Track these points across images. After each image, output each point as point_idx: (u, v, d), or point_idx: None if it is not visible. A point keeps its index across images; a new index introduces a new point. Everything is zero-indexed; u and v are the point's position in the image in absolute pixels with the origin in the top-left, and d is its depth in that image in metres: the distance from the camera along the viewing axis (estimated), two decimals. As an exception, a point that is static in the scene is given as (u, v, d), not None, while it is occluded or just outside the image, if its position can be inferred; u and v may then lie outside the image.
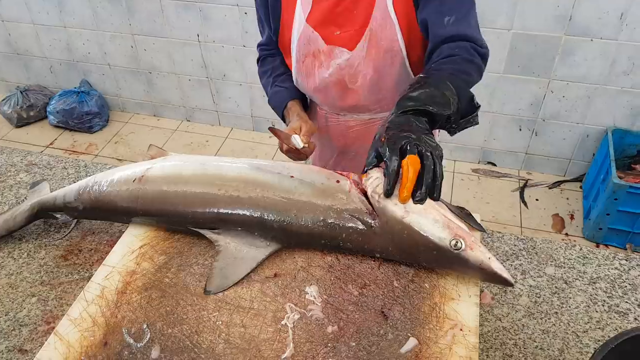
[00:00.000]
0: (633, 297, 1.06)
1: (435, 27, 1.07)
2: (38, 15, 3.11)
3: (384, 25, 1.13)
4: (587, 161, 2.75)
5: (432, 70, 1.02)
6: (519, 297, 1.06)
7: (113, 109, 3.46)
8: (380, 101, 1.28)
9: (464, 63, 1.02)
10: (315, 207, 0.94)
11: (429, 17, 1.09)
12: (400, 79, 1.21)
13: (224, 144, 3.19)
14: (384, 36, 1.14)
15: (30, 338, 0.99)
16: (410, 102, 0.92)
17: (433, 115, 0.91)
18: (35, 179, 1.40)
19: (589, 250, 1.16)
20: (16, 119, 3.29)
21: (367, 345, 0.83)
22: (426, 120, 0.91)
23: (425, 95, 0.92)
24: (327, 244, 0.95)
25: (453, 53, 1.04)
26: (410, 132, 0.86)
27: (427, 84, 0.95)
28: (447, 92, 0.93)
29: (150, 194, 1.03)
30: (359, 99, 1.27)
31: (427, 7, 1.09)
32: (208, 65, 3.02)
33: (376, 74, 1.20)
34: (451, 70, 1.00)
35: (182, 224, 1.01)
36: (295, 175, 0.99)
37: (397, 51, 1.16)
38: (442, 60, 1.03)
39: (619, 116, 2.54)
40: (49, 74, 3.42)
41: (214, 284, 0.93)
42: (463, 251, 0.85)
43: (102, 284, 0.94)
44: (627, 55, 2.34)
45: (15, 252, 1.17)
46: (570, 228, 2.55)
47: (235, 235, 0.97)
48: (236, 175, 1.02)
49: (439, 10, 1.07)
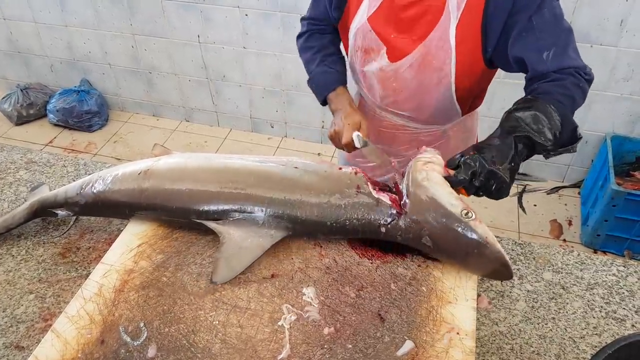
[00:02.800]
0: (630, 303, 1.06)
1: (534, 65, 1.03)
2: (40, 13, 3.11)
3: (440, 46, 1.11)
4: (585, 167, 2.75)
5: (540, 92, 1.00)
6: (516, 302, 1.06)
7: (113, 108, 3.46)
8: (416, 113, 1.28)
9: (572, 87, 1.00)
10: (320, 189, 0.97)
11: (525, 54, 1.04)
12: (443, 100, 1.21)
13: (222, 144, 3.19)
14: (437, 56, 1.12)
15: (27, 335, 0.99)
16: (516, 124, 0.94)
17: (534, 143, 0.93)
18: (35, 176, 1.40)
19: (586, 256, 1.16)
20: (16, 116, 3.29)
21: (363, 348, 0.83)
22: (523, 145, 0.94)
23: (530, 120, 0.94)
24: (333, 226, 0.96)
25: (559, 77, 1.01)
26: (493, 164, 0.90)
27: (534, 107, 0.95)
28: (552, 122, 0.94)
29: (154, 186, 1.04)
30: (397, 104, 1.27)
31: (519, 44, 1.04)
32: (208, 66, 3.03)
33: (420, 88, 1.20)
34: (559, 95, 0.98)
35: (186, 216, 1.01)
36: (299, 167, 1.02)
37: (446, 74, 1.14)
38: (549, 83, 1.01)
39: (618, 123, 2.55)
40: (50, 73, 3.42)
41: (220, 274, 0.93)
42: (472, 220, 0.88)
43: (100, 282, 0.94)
44: (626, 61, 2.35)
45: (14, 249, 1.17)
46: (568, 234, 2.55)
47: (240, 226, 0.98)
48: (240, 166, 1.04)
49: (535, 47, 1.03)
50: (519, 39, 1.04)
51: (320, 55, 1.29)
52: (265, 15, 2.69)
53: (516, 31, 1.04)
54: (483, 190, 0.92)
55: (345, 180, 0.99)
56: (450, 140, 1.35)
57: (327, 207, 0.96)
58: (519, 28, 1.03)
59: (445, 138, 1.35)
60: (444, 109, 1.24)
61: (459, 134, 1.36)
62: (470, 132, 1.40)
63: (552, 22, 1.03)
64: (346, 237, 1.00)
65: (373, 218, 0.95)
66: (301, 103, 2.99)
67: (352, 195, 0.97)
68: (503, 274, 0.90)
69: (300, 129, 3.13)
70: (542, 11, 1.02)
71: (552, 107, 0.95)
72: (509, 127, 0.95)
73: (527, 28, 1.03)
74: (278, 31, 2.73)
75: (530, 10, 1.01)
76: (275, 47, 2.80)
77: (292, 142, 3.17)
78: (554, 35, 1.03)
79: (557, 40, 1.03)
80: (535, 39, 1.03)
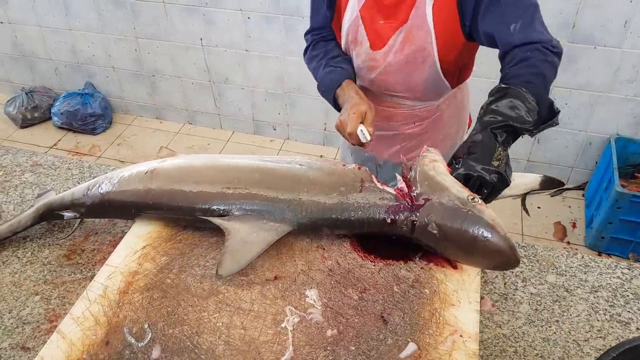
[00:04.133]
0: (635, 306, 1.06)
1: (502, 37, 1.08)
2: (44, 17, 3.13)
3: (419, 26, 1.18)
4: (589, 169, 2.74)
5: (510, 77, 1.03)
6: (519, 305, 1.06)
7: (116, 111, 3.48)
8: (408, 92, 1.33)
9: (540, 64, 1.02)
10: (324, 184, 0.99)
11: (493, 28, 1.10)
12: (430, 76, 1.27)
13: (225, 147, 3.20)
14: (417, 36, 1.19)
15: (33, 336, 1.00)
16: (492, 116, 0.97)
17: (515, 128, 0.96)
18: (40, 179, 1.41)
19: (590, 258, 1.16)
20: (21, 119, 3.31)
21: (366, 350, 0.83)
22: (507, 133, 0.96)
23: (507, 109, 0.97)
24: (338, 219, 0.97)
25: (527, 56, 1.04)
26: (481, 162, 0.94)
27: (508, 94, 0.98)
28: (528, 104, 0.97)
29: (161, 186, 1.05)
30: (388, 86, 1.33)
31: (487, 19, 1.10)
32: (211, 69, 3.04)
33: (407, 69, 1.26)
34: (529, 76, 1.01)
35: (192, 213, 1.02)
36: (304, 164, 1.04)
37: (429, 53, 1.21)
38: (517, 65, 1.04)
39: (623, 124, 2.54)
40: (54, 76, 3.44)
41: (226, 267, 0.93)
42: (479, 205, 0.89)
43: (105, 284, 0.95)
44: (631, 63, 2.34)
45: (20, 251, 1.17)
46: (572, 236, 2.54)
47: (245, 221, 0.98)
48: (245, 164, 1.05)
49: (501, 20, 1.08)
50: (487, 13, 1.10)
51: (325, 60, 1.32)
52: (267, 18, 2.70)
53: (484, 6, 1.10)
54: (485, 187, 0.94)
55: (350, 174, 1.01)
56: (444, 113, 1.41)
57: (332, 201, 0.97)
58: (486, 2, 1.09)
59: (439, 112, 1.40)
60: (433, 84, 1.30)
61: (451, 107, 1.42)
62: (461, 104, 1.46)
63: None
64: (352, 231, 1.00)
65: (378, 210, 0.96)
66: (303, 105, 3.00)
67: (356, 188, 0.98)
68: (509, 259, 0.89)
69: (302, 131, 3.14)
70: None
71: (524, 90, 0.98)
72: (488, 120, 0.98)
73: (494, 2, 1.09)
74: (280, 34, 2.74)
75: None
76: (278, 49, 2.81)
77: (294, 145, 3.18)
78: (520, 9, 1.08)
79: (523, 13, 1.08)
80: (501, 13, 1.08)
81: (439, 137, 1.44)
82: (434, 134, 1.43)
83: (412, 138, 1.44)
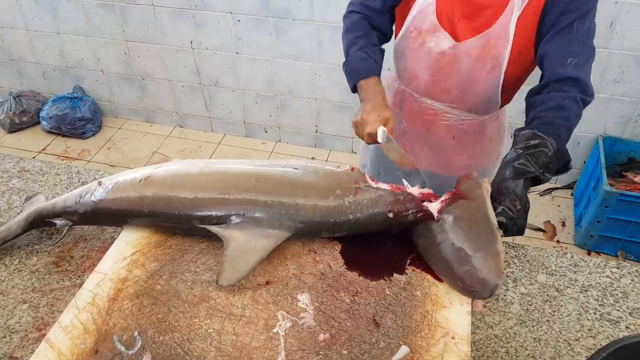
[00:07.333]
0: (624, 305, 1.07)
1: (556, 65, 1.09)
2: (32, 21, 3.10)
3: (500, 36, 1.16)
4: (578, 169, 2.77)
5: (544, 122, 1.06)
6: (510, 305, 1.07)
7: (106, 115, 3.45)
8: (460, 100, 1.31)
9: (573, 118, 1.08)
10: (320, 187, 0.99)
11: (553, 52, 1.10)
12: (489, 89, 1.25)
13: (216, 150, 3.19)
14: (496, 45, 1.18)
15: (21, 345, 0.98)
16: (526, 165, 1.00)
17: (539, 179, 1.01)
18: (28, 185, 1.39)
19: (580, 258, 1.17)
20: (9, 124, 3.27)
21: (358, 353, 0.83)
22: (530, 182, 1.01)
23: (540, 162, 1.00)
24: (337, 222, 0.97)
25: (564, 105, 1.07)
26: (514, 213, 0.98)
27: (541, 145, 1.01)
28: (555, 160, 1.02)
29: (155, 193, 1.04)
30: (443, 90, 1.30)
31: (552, 43, 1.10)
32: (201, 71, 3.03)
33: (472, 75, 1.24)
34: (561, 129, 1.05)
35: (188, 221, 1.01)
36: (299, 168, 1.04)
37: (499, 63, 1.19)
38: (553, 111, 1.07)
39: (610, 124, 2.57)
40: (42, 80, 3.41)
41: (226, 277, 0.92)
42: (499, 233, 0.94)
43: (94, 291, 0.94)
44: (617, 63, 2.37)
45: (7, 259, 1.16)
46: (562, 235, 2.56)
47: (243, 228, 0.98)
48: (241, 170, 1.05)
49: (565, 49, 1.08)
50: (557, 36, 1.10)
51: (363, 41, 1.27)
52: (257, 21, 2.70)
53: (557, 28, 1.10)
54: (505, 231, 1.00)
55: (344, 176, 1.02)
56: (487, 131, 1.40)
57: (329, 204, 0.97)
58: (560, 26, 1.09)
59: (482, 129, 1.39)
60: (488, 97, 1.28)
61: (494, 127, 1.41)
62: (501, 126, 1.45)
63: (586, 34, 1.10)
64: (350, 232, 1.00)
65: (377, 207, 0.98)
66: (294, 108, 3.00)
67: (352, 190, 0.99)
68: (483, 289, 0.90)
69: (293, 133, 3.14)
70: (584, 20, 1.08)
71: (554, 145, 1.02)
72: (522, 169, 1.00)
73: (567, 30, 1.09)
74: (270, 36, 2.73)
75: (577, 15, 1.08)
76: (268, 52, 2.80)
77: (286, 147, 3.18)
78: (583, 46, 1.09)
79: (584, 51, 1.09)
80: (568, 42, 1.09)
81: (477, 154, 1.44)
82: (472, 151, 1.42)
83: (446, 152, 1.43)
